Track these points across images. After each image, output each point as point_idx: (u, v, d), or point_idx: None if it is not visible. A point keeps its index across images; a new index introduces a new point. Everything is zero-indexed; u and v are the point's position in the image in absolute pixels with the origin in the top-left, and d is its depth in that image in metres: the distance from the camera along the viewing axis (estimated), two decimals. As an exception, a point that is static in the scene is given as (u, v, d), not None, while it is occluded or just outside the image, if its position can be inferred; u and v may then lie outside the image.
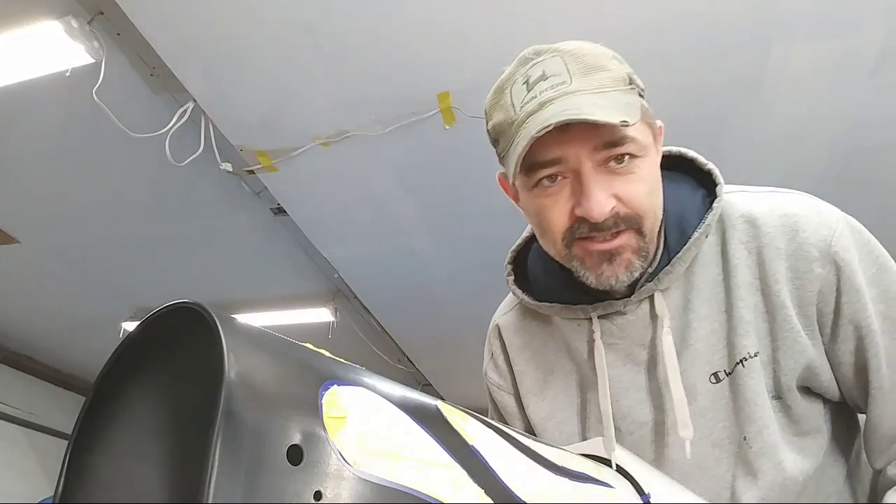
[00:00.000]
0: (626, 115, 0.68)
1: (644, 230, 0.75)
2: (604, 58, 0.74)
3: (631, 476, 0.68)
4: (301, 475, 0.40)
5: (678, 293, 0.81)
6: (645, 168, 0.74)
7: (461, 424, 0.53)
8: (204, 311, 0.42)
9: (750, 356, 0.78)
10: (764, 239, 0.79)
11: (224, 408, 0.38)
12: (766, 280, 0.78)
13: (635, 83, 0.76)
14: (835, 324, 0.78)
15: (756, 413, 0.78)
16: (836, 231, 0.78)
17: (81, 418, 0.46)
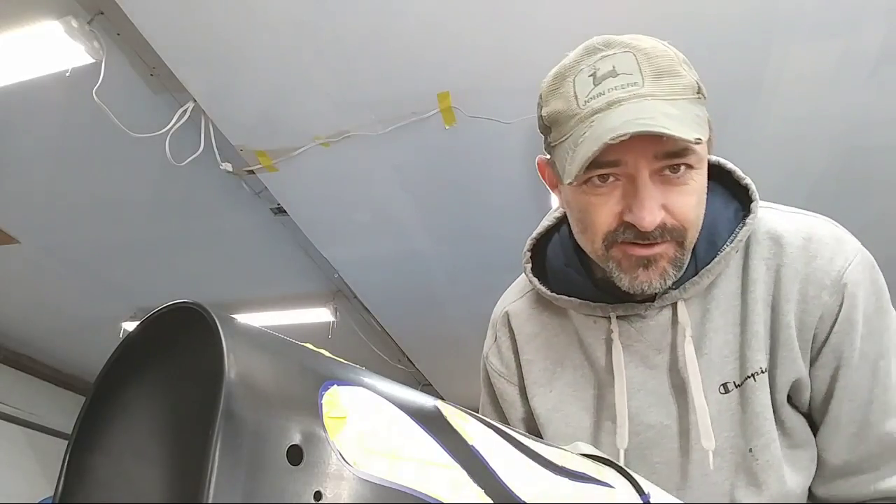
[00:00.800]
0: (698, 130, 0.67)
1: (686, 242, 0.75)
2: (676, 62, 0.72)
3: (631, 476, 0.68)
4: (301, 475, 0.40)
5: (698, 302, 0.82)
6: (698, 180, 0.73)
7: (461, 424, 0.53)
8: (203, 311, 0.42)
9: (761, 371, 0.79)
10: (784, 258, 0.80)
11: (224, 408, 0.38)
12: (777, 298, 0.79)
13: (702, 92, 0.74)
14: (821, 349, 0.79)
15: (764, 427, 0.79)
16: (852, 263, 0.79)
17: (81, 418, 0.46)
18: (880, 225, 3.17)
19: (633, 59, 0.70)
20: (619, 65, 0.70)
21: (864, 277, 0.79)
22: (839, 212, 3.21)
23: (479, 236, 3.27)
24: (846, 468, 0.81)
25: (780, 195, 2.95)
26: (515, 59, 2.32)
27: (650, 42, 0.72)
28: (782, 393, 0.80)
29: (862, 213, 3.08)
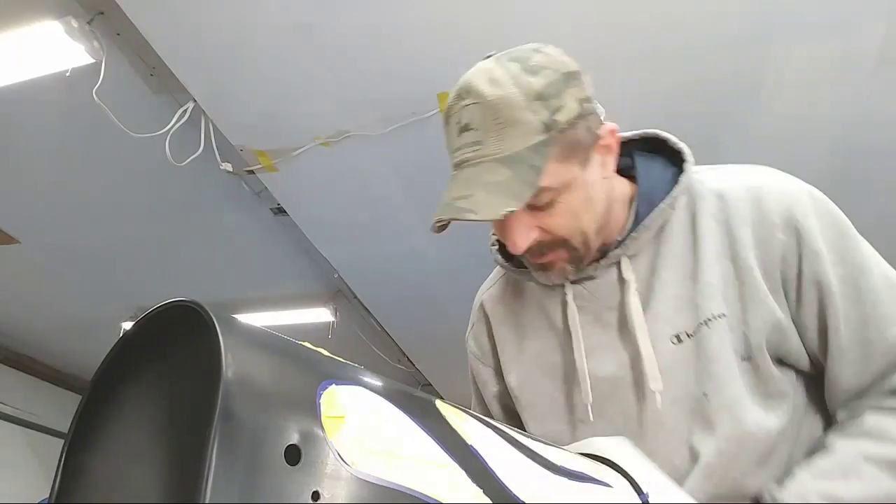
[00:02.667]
0: (519, 193, 0.75)
1: (572, 244, 0.83)
2: (522, 108, 0.76)
3: (630, 475, 0.67)
4: (299, 475, 0.40)
5: (646, 260, 0.87)
6: (569, 199, 0.80)
7: (460, 424, 0.53)
8: (201, 310, 0.42)
9: (714, 317, 0.82)
10: (731, 210, 0.84)
11: (221, 407, 0.38)
12: (734, 247, 0.83)
13: (554, 125, 0.77)
14: (798, 288, 0.82)
15: (717, 370, 0.81)
16: (798, 200, 0.84)
17: (77, 418, 0.46)
18: (880, 225, 3.16)
19: (480, 113, 0.77)
20: (472, 119, 0.78)
21: (814, 210, 0.83)
22: (839, 212, 3.13)
23: (479, 236, 3.25)
24: (861, 390, 0.81)
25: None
26: (515, 59, 2.32)
27: (506, 87, 0.77)
28: (758, 335, 0.81)
29: (862, 214, 3.06)
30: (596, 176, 0.83)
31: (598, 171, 0.83)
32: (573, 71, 0.82)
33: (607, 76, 2.37)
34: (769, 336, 0.81)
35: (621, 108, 2.48)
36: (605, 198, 0.85)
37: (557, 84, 0.79)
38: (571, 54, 0.87)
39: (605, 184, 0.85)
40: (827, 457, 0.79)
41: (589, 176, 0.82)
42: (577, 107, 0.79)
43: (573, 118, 0.78)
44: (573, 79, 0.81)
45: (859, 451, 0.77)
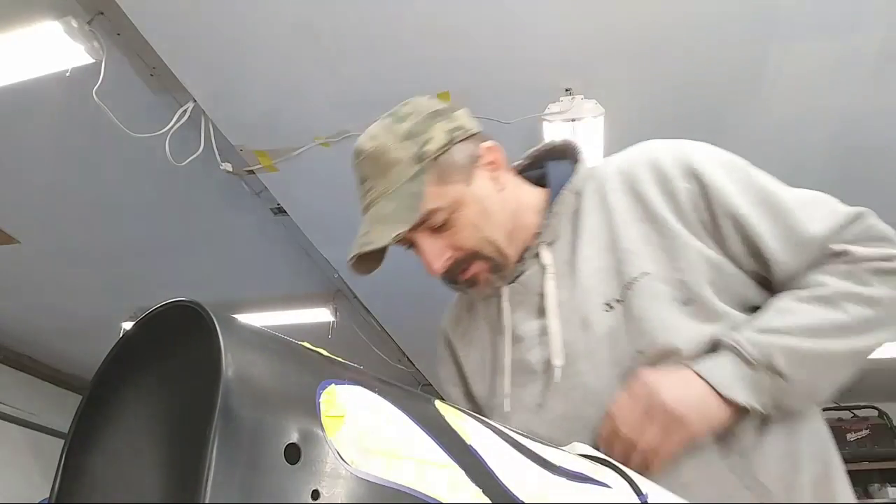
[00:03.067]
0: (406, 218, 0.86)
1: (486, 255, 0.92)
2: (395, 149, 0.89)
3: (629, 476, 0.67)
4: (299, 474, 0.40)
5: (565, 243, 0.95)
6: (463, 214, 0.90)
7: (459, 424, 0.53)
8: (201, 310, 0.42)
9: (637, 278, 0.87)
10: (635, 178, 0.93)
11: (221, 406, 0.38)
12: (646, 209, 0.90)
13: (425, 155, 0.89)
14: (715, 225, 0.88)
15: (648, 325, 0.85)
16: (690, 151, 0.93)
17: (77, 418, 0.46)
18: (880, 225, 3.17)
19: (367, 164, 0.91)
20: (363, 171, 0.91)
21: (708, 156, 0.92)
22: (839, 212, 3.12)
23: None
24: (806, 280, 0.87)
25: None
26: (515, 59, 2.32)
27: (380, 138, 0.91)
28: (694, 276, 0.86)
29: (862, 214, 3.08)
30: (487, 190, 0.93)
31: (488, 186, 0.94)
32: (439, 109, 0.94)
33: (607, 76, 2.37)
34: (708, 276, 0.86)
35: (622, 109, 2.49)
36: (508, 207, 0.95)
37: (423, 123, 0.91)
38: (571, 55, 0.89)
39: (505, 195, 0.95)
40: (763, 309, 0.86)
41: (478, 191, 0.92)
42: (445, 136, 0.91)
43: (443, 146, 0.90)
44: (439, 115, 0.93)
45: (792, 297, 0.84)
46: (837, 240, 0.85)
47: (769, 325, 0.81)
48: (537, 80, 2.37)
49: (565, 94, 2.40)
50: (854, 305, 0.82)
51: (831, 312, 0.81)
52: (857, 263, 0.83)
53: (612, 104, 2.42)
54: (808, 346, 0.80)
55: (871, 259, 0.84)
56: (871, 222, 0.88)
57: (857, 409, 4.87)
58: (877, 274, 0.83)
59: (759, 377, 0.78)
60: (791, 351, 0.79)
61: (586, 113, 2.40)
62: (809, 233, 0.85)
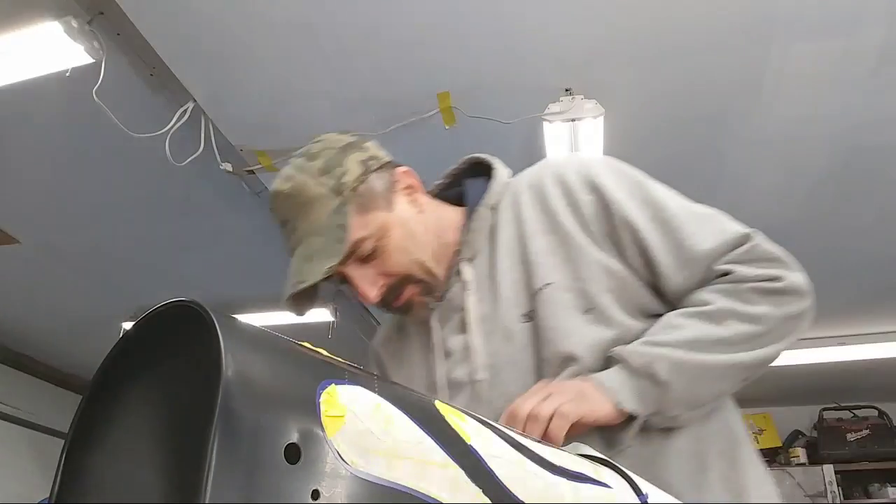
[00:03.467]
0: (335, 251, 0.87)
1: (416, 277, 0.95)
2: (312, 186, 0.92)
3: (629, 476, 0.67)
4: (299, 474, 0.40)
5: (484, 258, 0.98)
6: (390, 239, 0.93)
7: (459, 424, 0.53)
8: (201, 310, 0.42)
9: (541, 288, 0.91)
10: (542, 192, 0.97)
11: (221, 406, 0.38)
12: (552, 221, 0.94)
13: (344, 187, 0.91)
14: (616, 236, 0.93)
15: (552, 334, 0.89)
16: (591, 165, 0.98)
17: (77, 417, 0.46)
18: (880, 225, 3.16)
19: (286, 206, 0.94)
20: (284, 214, 0.95)
21: (607, 170, 0.97)
22: (839, 212, 3.23)
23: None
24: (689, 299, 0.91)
25: (780, 195, 2.96)
26: (515, 59, 2.32)
27: (296, 177, 0.93)
28: (595, 286, 0.90)
29: (862, 213, 3.08)
30: (408, 213, 0.97)
31: (409, 209, 0.97)
32: (350, 143, 0.98)
33: (607, 76, 2.37)
34: (608, 285, 0.91)
35: (622, 109, 2.49)
36: (430, 227, 0.98)
37: (336, 157, 0.94)
38: (571, 55, 0.90)
39: (426, 216, 0.99)
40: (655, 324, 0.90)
41: (400, 214, 0.95)
42: (360, 167, 0.94)
43: (359, 176, 0.93)
44: (351, 148, 0.96)
45: (680, 314, 0.89)
46: (724, 259, 0.89)
47: (655, 339, 0.86)
48: (537, 80, 2.37)
49: (565, 94, 2.40)
50: (736, 322, 0.86)
51: (713, 328, 0.85)
52: (742, 283, 0.88)
53: (612, 104, 2.42)
54: (687, 358, 0.83)
55: (755, 279, 0.88)
56: (757, 242, 0.91)
57: (857, 409, 4.87)
58: (760, 293, 0.87)
59: (642, 385, 0.82)
60: (671, 361, 0.83)
61: (586, 113, 2.40)
62: (697, 249, 0.90)
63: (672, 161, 2.81)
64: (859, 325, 4.19)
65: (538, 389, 0.83)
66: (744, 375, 0.88)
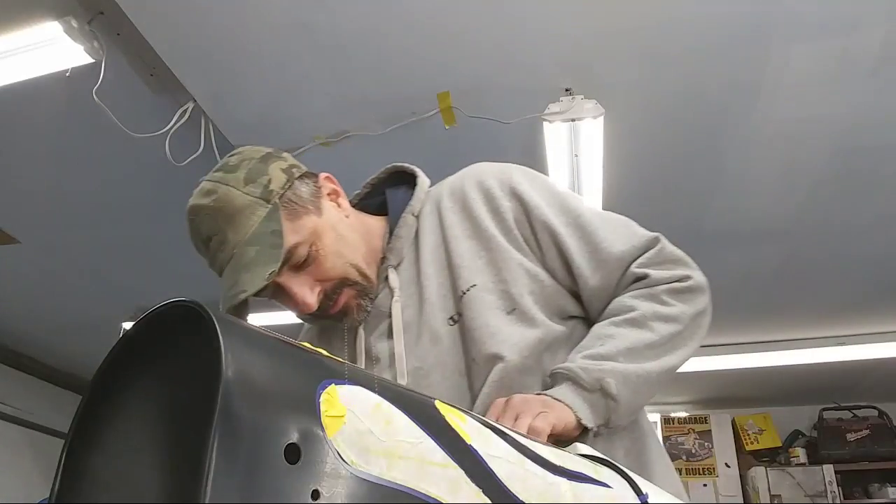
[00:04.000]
0: (273, 257, 0.87)
1: (353, 280, 0.95)
2: (239, 195, 0.90)
3: (629, 476, 0.67)
4: (299, 474, 0.40)
5: (410, 264, 1.00)
6: (324, 243, 0.93)
7: (459, 424, 0.53)
8: (201, 310, 0.42)
9: (466, 291, 0.94)
10: (464, 198, 1.00)
11: (221, 406, 0.38)
12: (474, 225, 0.98)
13: (272, 194, 0.91)
14: (536, 239, 0.97)
15: (477, 334, 0.91)
16: (511, 173, 1.02)
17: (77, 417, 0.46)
18: (880, 225, 3.16)
19: (210, 220, 0.91)
20: (208, 229, 0.91)
21: (525, 178, 1.01)
22: (839, 212, 3.22)
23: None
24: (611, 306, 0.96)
25: (780, 195, 2.96)
26: (515, 59, 2.32)
27: (218, 190, 0.92)
28: (516, 287, 0.93)
29: (862, 213, 3.08)
30: (336, 217, 0.98)
31: (336, 213, 0.98)
32: (268, 152, 0.99)
33: (607, 76, 2.37)
34: (529, 287, 0.94)
35: (622, 109, 2.49)
36: (358, 231, 1.00)
37: (258, 166, 0.94)
38: (571, 55, 0.90)
39: (351, 220, 1.00)
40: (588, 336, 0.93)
41: (329, 219, 0.96)
42: (284, 174, 0.95)
43: (285, 182, 0.94)
44: (271, 157, 0.98)
45: (609, 323, 0.92)
46: (637, 263, 0.95)
47: (595, 353, 0.88)
48: (537, 80, 2.37)
49: (565, 94, 2.40)
50: (660, 324, 0.90)
51: (642, 333, 0.90)
52: (657, 286, 0.93)
53: (612, 104, 2.42)
54: (631, 369, 0.86)
55: (667, 281, 0.94)
56: (664, 245, 0.97)
57: (857, 409, 4.87)
58: (673, 293, 0.93)
59: (594, 399, 0.85)
60: (617, 375, 0.85)
61: (586, 113, 2.40)
62: (610, 252, 0.95)
63: (672, 161, 2.81)
64: (859, 325, 4.19)
65: (501, 408, 0.83)
66: (667, 379, 0.92)
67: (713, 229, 3.23)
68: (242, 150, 1.00)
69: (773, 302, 3.96)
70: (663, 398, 5.34)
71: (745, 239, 3.33)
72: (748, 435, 5.09)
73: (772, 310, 4.06)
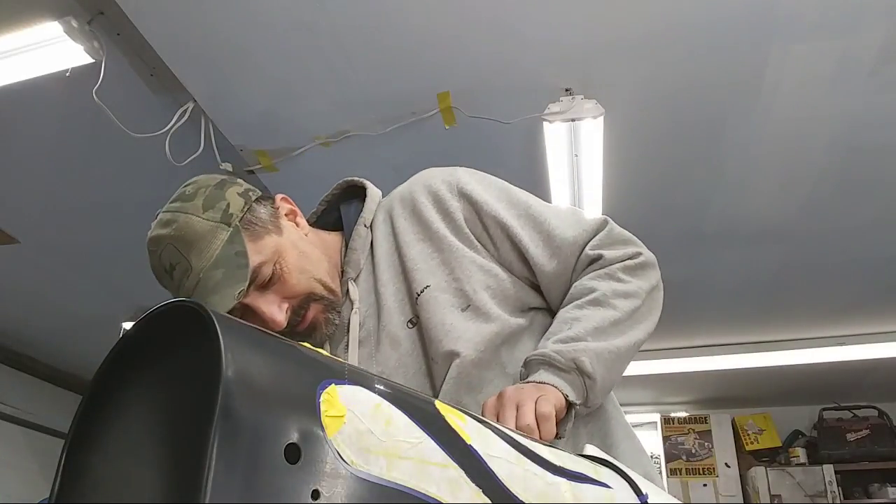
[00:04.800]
0: (240, 276, 0.88)
1: (319, 295, 0.97)
2: (199, 221, 0.91)
3: (629, 476, 0.67)
4: (299, 474, 0.40)
5: (367, 274, 1.03)
6: (287, 261, 0.95)
7: (459, 424, 0.53)
8: (201, 310, 0.42)
9: (420, 292, 0.96)
10: (413, 203, 1.03)
11: (221, 406, 0.38)
12: (425, 229, 1.00)
13: (232, 217, 0.92)
14: (489, 234, 1.00)
15: (434, 333, 0.93)
16: (458, 175, 1.04)
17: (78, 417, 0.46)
18: (880, 225, 3.16)
19: (172, 248, 0.91)
20: (170, 258, 0.92)
21: (473, 178, 1.04)
22: (839, 212, 3.22)
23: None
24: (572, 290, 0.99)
25: (780, 195, 2.96)
26: (515, 59, 2.32)
27: (178, 219, 0.92)
28: (471, 284, 0.96)
29: (862, 213, 3.08)
30: (296, 235, 1.00)
31: (295, 232, 1.01)
32: (223, 179, 0.99)
33: (607, 76, 2.37)
34: (484, 282, 0.97)
35: (622, 109, 2.49)
36: (319, 247, 1.02)
37: (215, 192, 0.94)
38: (571, 55, 0.90)
39: (311, 238, 1.03)
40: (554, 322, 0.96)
41: (290, 237, 0.98)
42: (241, 198, 0.95)
43: (243, 205, 0.95)
44: (226, 183, 0.97)
45: (573, 307, 0.95)
46: (591, 245, 0.99)
47: (565, 336, 0.90)
48: (537, 80, 2.37)
49: (565, 94, 2.40)
50: (620, 300, 0.94)
51: (607, 311, 0.93)
52: (612, 265, 0.97)
53: (612, 104, 2.42)
54: (602, 347, 0.90)
55: (620, 259, 0.98)
56: (612, 226, 1.02)
57: (857, 409, 4.87)
58: (628, 271, 0.98)
59: (572, 379, 0.87)
60: (590, 353, 0.88)
61: (586, 113, 2.40)
62: (562, 237, 0.99)
63: (672, 161, 2.81)
64: (859, 325, 4.20)
65: (495, 405, 0.83)
66: (633, 354, 0.95)
67: (713, 229, 3.23)
68: (197, 179, 0.99)
69: (773, 302, 3.96)
70: (663, 398, 5.34)
71: (745, 239, 3.33)
72: (748, 435, 5.09)
73: (772, 310, 4.06)
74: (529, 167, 2.71)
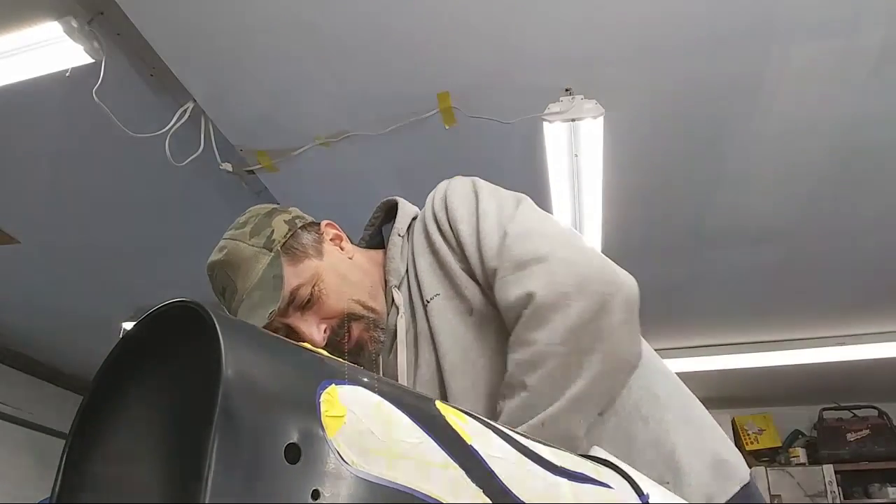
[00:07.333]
0: (274, 297, 0.95)
1: (359, 315, 1.02)
2: (245, 248, 0.99)
3: (630, 477, 0.67)
4: (299, 474, 0.40)
5: (413, 281, 1.06)
6: (325, 284, 1.01)
7: (460, 424, 0.53)
8: (201, 310, 0.42)
9: (428, 301, 1.01)
10: (425, 216, 1.08)
11: (221, 406, 0.38)
12: (430, 243, 1.05)
13: (274, 244, 1.00)
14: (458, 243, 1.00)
15: (441, 338, 0.98)
16: (448, 185, 1.07)
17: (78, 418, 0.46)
18: (880, 225, 3.16)
19: (223, 273, 1.00)
20: (222, 281, 1.00)
21: (455, 189, 1.06)
22: (839, 211, 3.22)
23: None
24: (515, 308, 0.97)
25: (780, 195, 2.96)
26: (515, 59, 2.32)
27: (228, 246, 1.01)
28: (472, 292, 0.98)
29: (862, 213, 3.08)
30: (338, 259, 1.06)
31: (339, 256, 1.07)
32: (274, 208, 1.07)
33: (607, 76, 2.37)
34: (486, 288, 0.98)
35: (622, 109, 2.49)
36: (361, 269, 1.07)
37: (262, 220, 1.03)
38: (572, 54, 0.90)
39: (355, 260, 1.08)
40: None
41: (331, 261, 1.04)
42: (286, 225, 1.03)
43: (287, 232, 1.02)
44: (275, 212, 1.06)
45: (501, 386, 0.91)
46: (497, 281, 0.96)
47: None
48: (537, 80, 2.37)
49: (565, 94, 2.40)
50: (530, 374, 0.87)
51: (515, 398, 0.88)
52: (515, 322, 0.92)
53: (612, 104, 2.42)
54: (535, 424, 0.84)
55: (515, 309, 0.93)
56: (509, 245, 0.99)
57: (857, 409, 4.87)
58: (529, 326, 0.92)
59: None
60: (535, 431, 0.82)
61: (586, 113, 2.40)
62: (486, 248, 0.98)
63: (672, 161, 2.81)
64: (859, 325, 4.20)
65: None
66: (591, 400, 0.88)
67: (713, 229, 3.23)
68: (252, 208, 1.08)
69: (773, 302, 3.96)
70: (663, 398, 5.34)
71: (745, 239, 3.33)
72: (748, 435, 5.09)
73: (772, 310, 4.06)
74: (529, 167, 2.71)
